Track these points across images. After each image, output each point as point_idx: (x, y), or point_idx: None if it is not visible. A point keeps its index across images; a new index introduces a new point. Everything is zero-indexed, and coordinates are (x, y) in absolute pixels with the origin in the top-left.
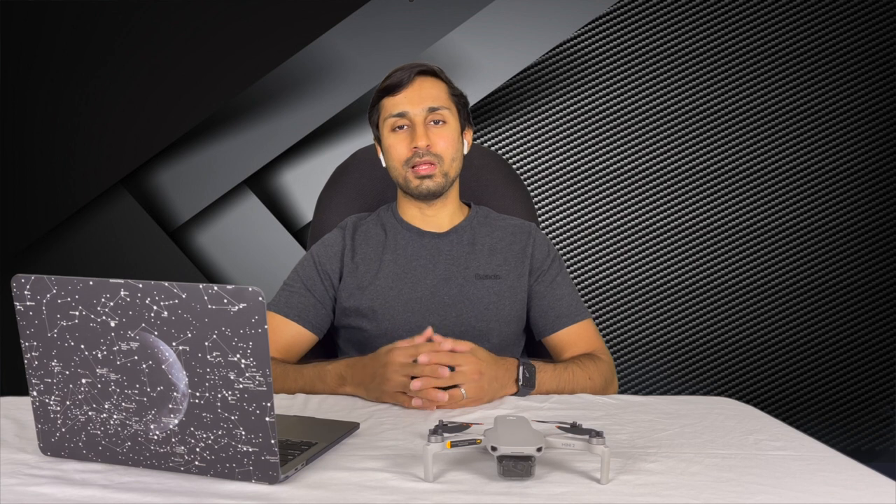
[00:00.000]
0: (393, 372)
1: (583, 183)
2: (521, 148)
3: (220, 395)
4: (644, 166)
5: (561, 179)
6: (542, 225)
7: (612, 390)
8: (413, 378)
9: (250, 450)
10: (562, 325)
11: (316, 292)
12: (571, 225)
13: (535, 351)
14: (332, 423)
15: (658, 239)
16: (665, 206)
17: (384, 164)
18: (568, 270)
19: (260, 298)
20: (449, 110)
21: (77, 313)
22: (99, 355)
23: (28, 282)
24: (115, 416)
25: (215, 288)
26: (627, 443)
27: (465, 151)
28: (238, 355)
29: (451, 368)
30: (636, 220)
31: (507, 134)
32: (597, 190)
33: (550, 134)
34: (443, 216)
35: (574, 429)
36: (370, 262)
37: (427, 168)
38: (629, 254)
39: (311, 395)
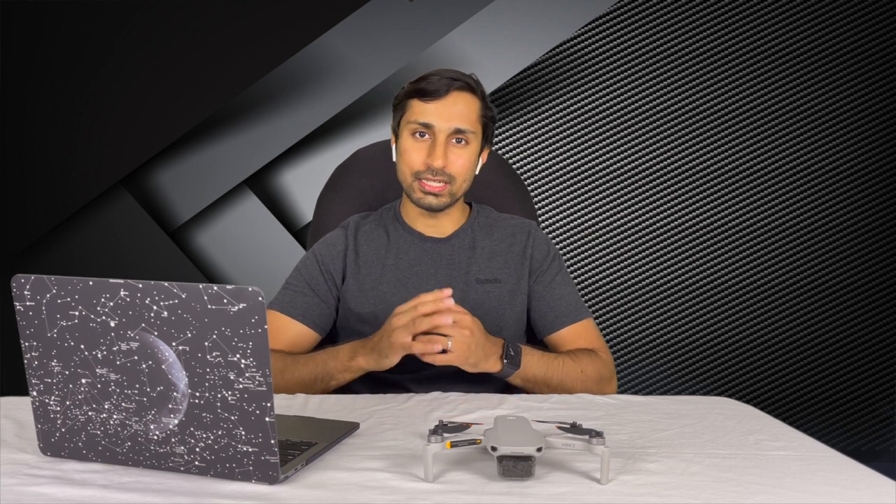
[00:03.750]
0: (397, 321)
1: (583, 183)
2: (521, 148)
3: (219, 395)
4: (644, 166)
5: (561, 179)
6: (542, 225)
7: (610, 389)
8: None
9: (250, 450)
10: (561, 325)
11: (320, 292)
12: (571, 225)
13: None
14: (332, 423)
15: (658, 239)
16: (665, 206)
17: (394, 159)
18: (568, 270)
19: (260, 298)
20: (474, 133)
21: (77, 313)
22: (99, 355)
23: (28, 282)
24: (114, 416)
25: (215, 288)
26: (627, 443)
27: (477, 171)
28: (238, 355)
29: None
30: (636, 220)
31: (507, 134)
32: (597, 190)
33: (550, 134)
34: (445, 223)
35: (574, 429)
36: (372, 265)
37: (436, 187)
38: (629, 254)
39: (314, 386)
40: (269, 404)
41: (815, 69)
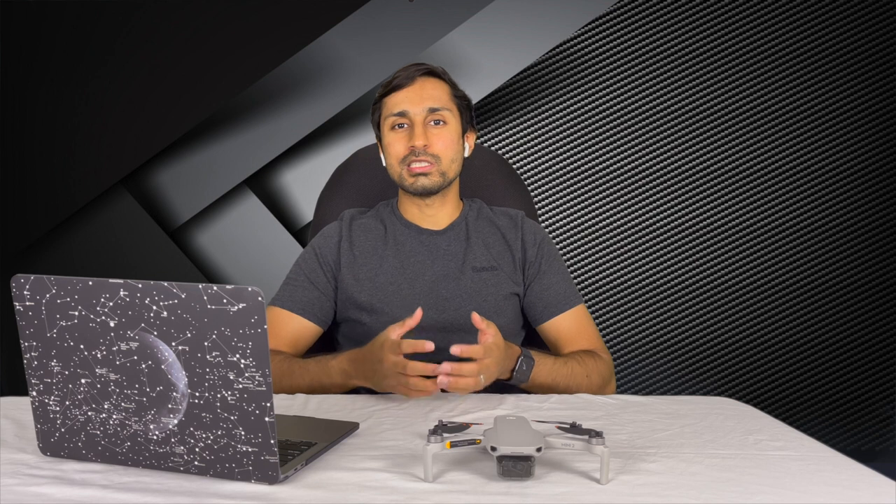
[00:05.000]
0: (389, 367)
1: (583, 183)
2: (521, 148)
3: (219, 395)
4: (644, 166)
5: (561, 179)
6: (542, 225)
7: (609, 390)
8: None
9: (250, 450)
10: (550, 315)
11: (319, 284)
12: (571, 225)
13: (537, 338)
14: (331, 423)
15: (658, 239)
16: (665, 206)
17: (384, 164)
18: (567, 266)
19: (259, 298)
20: (450, 111)
21: (76, 313)
22: (98, 355)
23: (28, 282)
24: (114, 416)
25: (215, 288)
26: (627, 443)
27: (467, 154)
28: (237, 355)
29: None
30: (636, 220)
31: (507, 134)
32: (597, 190)
33: (550, 134)
34: (441, 215)
35: (574, 429)
36: (369, 255)
37: (424, 166)
38: (629, 254)
39: (313, 394)
40: (268, 404)
41: (815, 69)
